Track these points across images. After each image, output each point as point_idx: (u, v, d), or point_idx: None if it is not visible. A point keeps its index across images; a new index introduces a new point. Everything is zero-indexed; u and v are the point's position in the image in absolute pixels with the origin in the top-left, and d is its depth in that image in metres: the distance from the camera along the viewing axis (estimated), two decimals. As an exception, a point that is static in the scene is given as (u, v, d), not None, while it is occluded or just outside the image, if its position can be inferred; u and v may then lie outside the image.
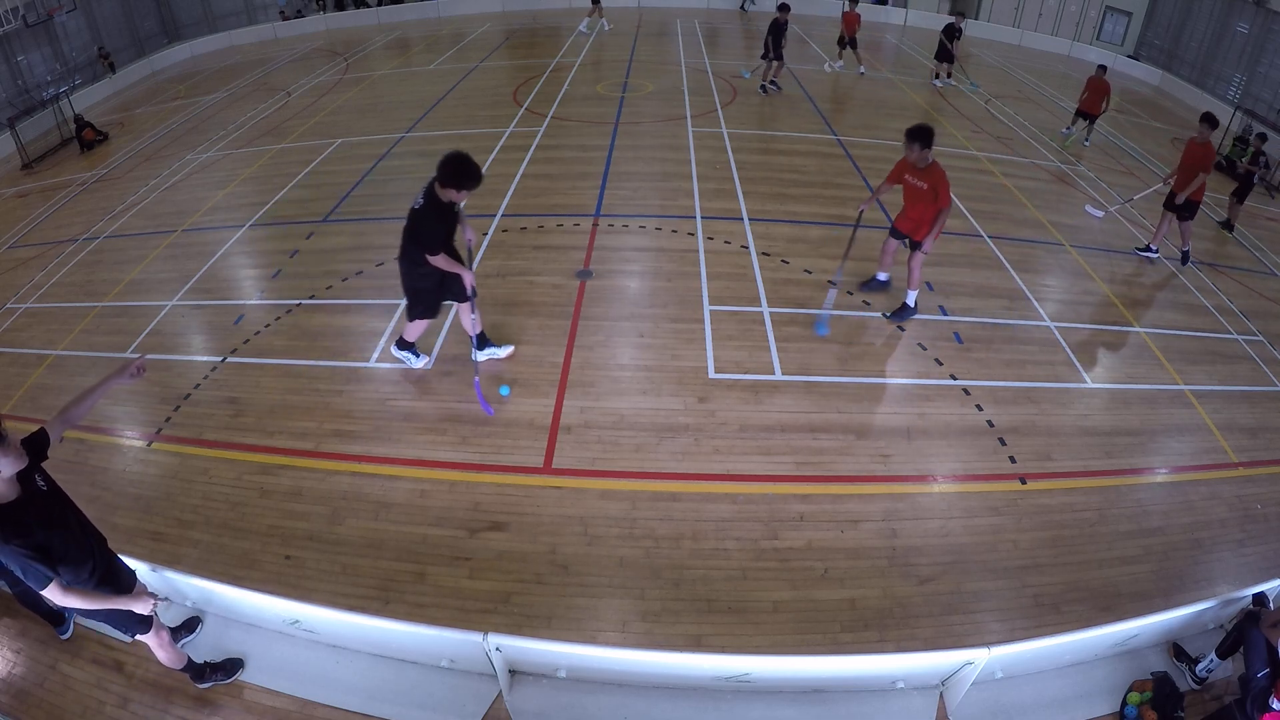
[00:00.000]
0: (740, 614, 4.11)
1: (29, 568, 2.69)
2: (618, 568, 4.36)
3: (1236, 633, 3.60)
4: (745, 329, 6.43)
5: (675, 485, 4.91)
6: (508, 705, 3.61)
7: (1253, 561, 4.62)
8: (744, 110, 12.47)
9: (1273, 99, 15.18)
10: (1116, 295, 7.43)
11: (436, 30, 20.38)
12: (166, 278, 7.84)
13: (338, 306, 6.98)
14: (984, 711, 3.62)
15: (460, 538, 4.55)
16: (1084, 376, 6.18)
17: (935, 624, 4.08)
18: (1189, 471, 5.33)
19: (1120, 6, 20.02)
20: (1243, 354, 6.78)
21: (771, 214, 8.59)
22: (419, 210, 4.86)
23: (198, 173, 10.99)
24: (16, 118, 14.00)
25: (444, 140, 11.24)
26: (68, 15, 18.03)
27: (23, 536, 2.66)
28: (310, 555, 4.47)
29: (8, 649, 3.96)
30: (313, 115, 13.03)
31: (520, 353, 6.13)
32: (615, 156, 10.23)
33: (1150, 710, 3.58)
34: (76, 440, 5.55)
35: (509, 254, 7.66)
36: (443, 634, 3.50)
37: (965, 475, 5.10)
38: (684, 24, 19.84)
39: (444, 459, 5.14)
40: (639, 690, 3.70)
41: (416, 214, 4.89)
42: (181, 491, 5.02)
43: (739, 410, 5.53)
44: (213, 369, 6.22)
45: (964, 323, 6.68)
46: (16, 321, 7.46)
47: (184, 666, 3.58)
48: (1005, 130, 12.43)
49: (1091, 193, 10.03)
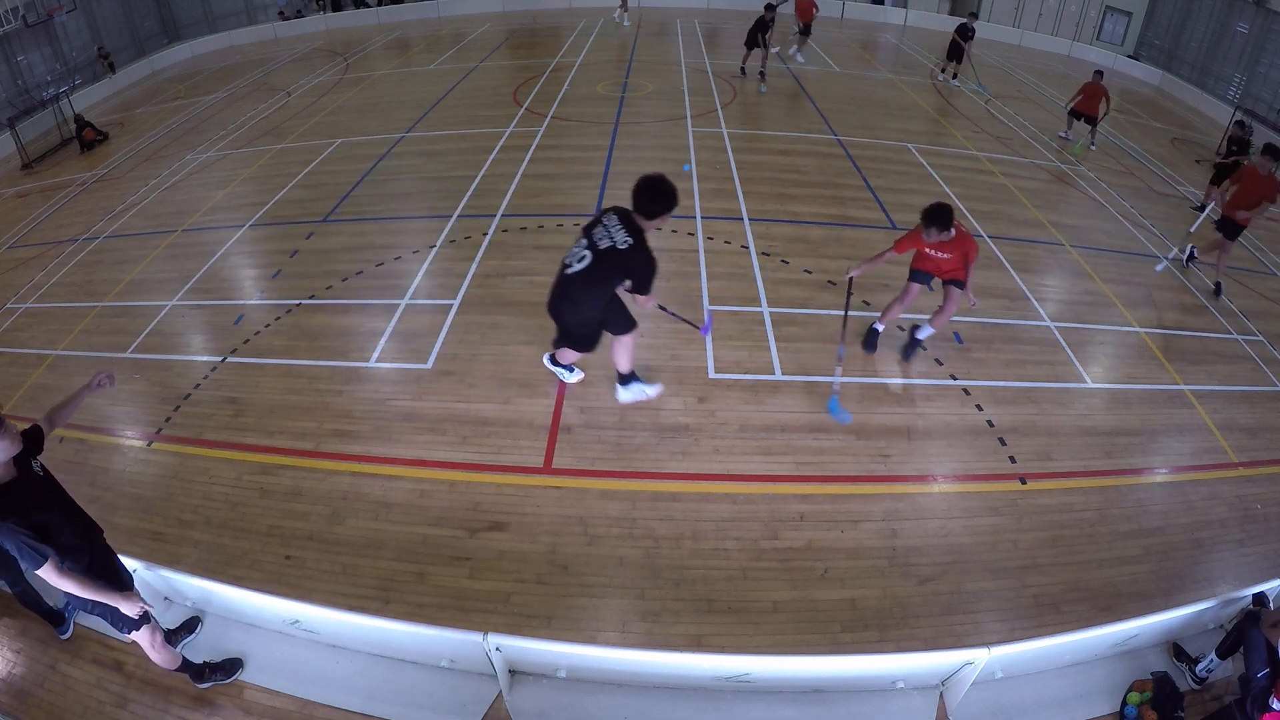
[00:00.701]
0: (740, 614, 4.11)
1: (24, 547, 2.77)
2: (618, 568, 4.35)
3: (1236, 633, 3.60)
4: (745, 329, 6.42)
5: (675, 485, 4.91)
6: (508, 705, 3.61)
7: (1253, 561, 4.62)
8: (744, 110, 12.47)
9: (1273, 99, 15.19)
10: (1116, 295, 7.43)
11: (436, 30, 20.38)
12: (166, 278, 7.84)
13: (338, 306, 6.98)
14: (984, 711, 3.62)
15: (460, 538, 4.55)
16: (1084, 376, 6.18)
17: (935, 624, 4.08)
18: (1189, 471, 5.33)
19: (1120, 6, 20.02)
20: (1243, 354, 6.78)
21: (771, 214, 8.59)
22: (630, 250, 4.17)
23: (198, 173, 10.99)
24: (16, 118, 14.00)
25: (444, 140, 11.26)
26: (68, 15, 18.03)
27: (20, 515, 2.76)
28: (310, 555, 4.47)
29: (8, 649, 3.96)
30: (313, 115, 13.03)
31: (520, 353, 6.12)
32: (615, 156, 10.23)
33: (1150, 710, 3.58)
34: (76, 440, 5.55)
35: (509, 254, 7.66)
36: (443, 634, 3.50)
37: (965, 475, 5.10)
38: (684, 24, 19.84)
39: (444, 459, 5.14)
40: (639, 690, 3.70)
41: (628, 254, 4.19)
42: (181, 491, 5.02)
43: (739, 410, 5.53)
44: (213, 369, 6.22)
45: (964, 323, 6.67)
46: (16, 321, 7.46)
47: (179, 667, 3.58)
48: (1005, 130, 12.43)
49: (1091, 193, 10.03)
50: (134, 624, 3.23)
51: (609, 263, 4.23)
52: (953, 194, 9.38)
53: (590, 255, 4.26)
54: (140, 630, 3.28)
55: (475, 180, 9.48)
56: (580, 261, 4.30)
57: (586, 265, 4.27)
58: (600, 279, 4.33)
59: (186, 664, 3.62)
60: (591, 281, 4.34)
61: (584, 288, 4.38)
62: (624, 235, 4.19)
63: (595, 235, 4.29)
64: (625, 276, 4.38)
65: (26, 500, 2.83)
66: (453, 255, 7.70)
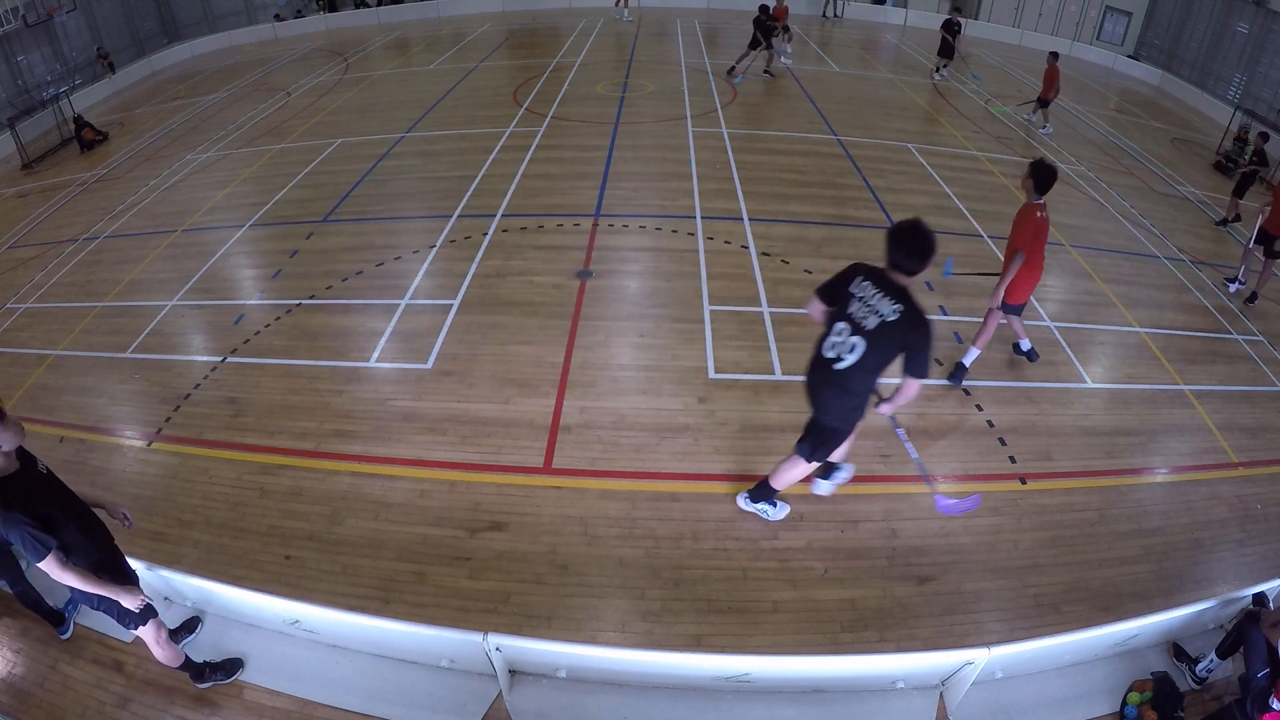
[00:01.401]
0: (740, 614, 4.11)
1: (28, 538, 2.78)
2: (618, 568, 4.35)
3: (1236, 633, 3.60)
4: (745, 329, 6.42)
5: (675, 485, 4.91)
6: (508, 705, 3.61)
7: (1253, 561, 4.62)
8: (744, 110, 12.47)
9: (1273, 99, 15.18)
10: (1116, 295, 7.43)
11: (436, 30, 20.38)
12: (166, 278, 7.84)
13: (338, 306, 6.98)
14: (984, 711, 3.62)
15: (460, 538, 4.55)
16: (1084, 376, 6.18)
17: (935, 624, 4.08)
18: (1189, 471, 5.33)
19: (1120, 6, 20.02)
20: (1243, 354, 6.78)
21: (771, 214, 8.59)
22: (904, 321, 3.43)
23: (198, 173, 10.99)
24: (16, 118, 13.99)
25: (444, 140, 11.26)
26: (68, 15, 18.01)
27: (24, 505, 2.78)
28: (310, 555, 4.47)
29: (8, 649, 3.96)
30: (313, 115, 13.03)
31: (520, 353, 6.13)
32: (615, 156, 10.23)
33: (1150, 710, 3.58)
34: (77, 440, 5.55)
35: (509, 254, 7.66)
36: (443, 634, 3.50)
37: (965, 475, 5.10)
38: (684, 24, 19.84)
39: (444, 459, 5.14)
40: (639, 690, 3.70)
41: (903, 326, 3.45)
42: (181, 491, 5.02)
43: (739, 410, 5.53)
44: (213, 369, 6.22)
45: (964, 323, 6.68)
46: (16, 321, 7.46)
47: (182, 665, 3.59)
48: (1005, 130, 12.43)
49: (1091, 193, 10.03)
50: (138, 619, 3.23)
51: (882, 340, 3.51)
52: (953, 194, 9.39)
53: (862, 342, 3.54)
54: (145, 626, 3.29)
55: (475, 180, 9.48)
56: (851, 352, 3.58)
57: (861, 355, 3.56)
58: (876, 362, 3.62)
59: (187, 663, 3.62)
60: (868, 369, 3.63)
61: (861, 378, 3.66)
62: (889, 304, 3.45)
63: (855, 314, 3.57)
64: (899, 352, 3.57)
65: (30, 491, 2.86)
66: (453, 255, 7.71)
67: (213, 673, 3.71)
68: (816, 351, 3.76)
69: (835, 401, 3.83)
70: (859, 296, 3.57)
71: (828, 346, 3.70)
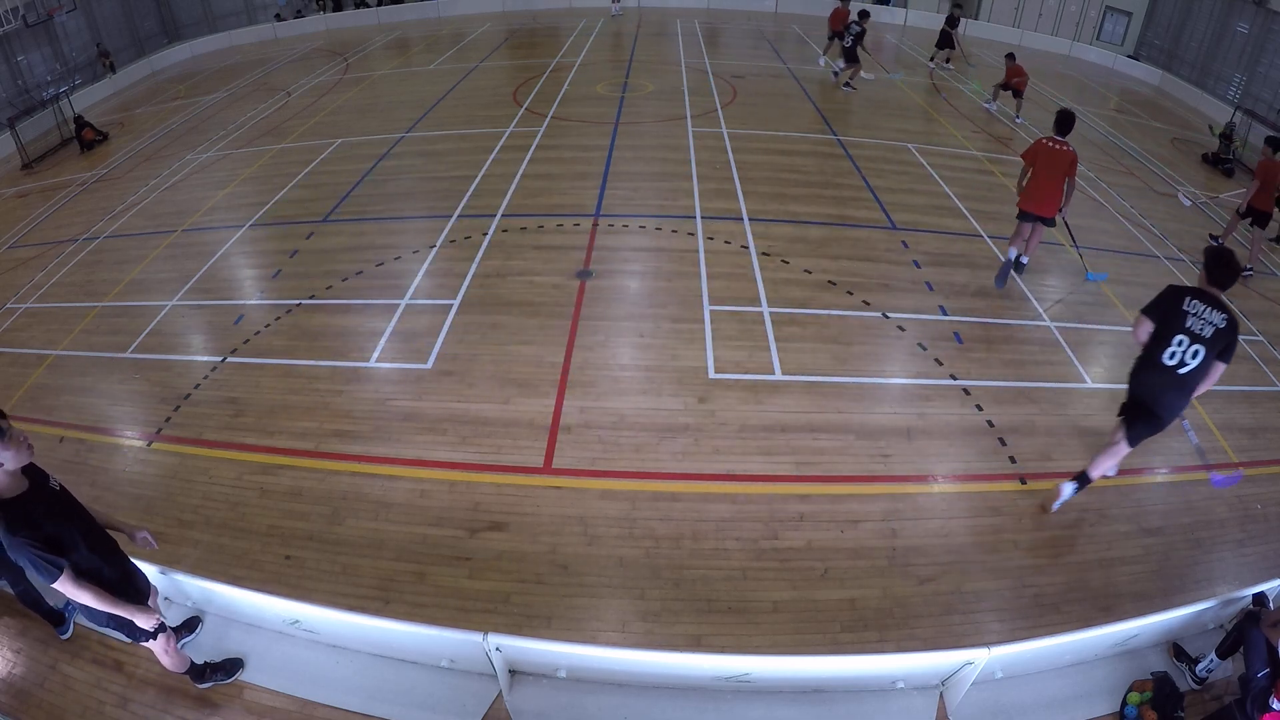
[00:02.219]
0: (740, 614, 4.11)
1: (38, 561, 2.72)
2: (618, 568, 4.36)
3: (1236, 633, 3.60)
4: (745, 329, 6.42)
5: (675, 485, 4.91)
6: (508, 705, 3.61)
7: (1253, 561, 4.62)
8: (744, 110, 12.47)
9: (1273, 99, 15.17)
10: (1116, 295, 7.43)
11: (436, 30, 20.38)
12: (166, 278, 7.84)
13: (338, 306, 6.98)
14: (984, 711, 3.62)
15: (460, 538, 4.55)
16: (1084, 376, 6.18)
17: (935, 624, 4.08)
18: (1189, 471, 5.33)
19: (1120, 6, 20.02)
20: (1243, 354, 6.76)
21: (771, 214, 8.59)
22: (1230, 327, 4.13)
23: (198, 173, 10.99)
24: (16, 118, 13.99)
25: (444, 140, 11.26)
26: (68, 15, 18.01)
27: (31, 529, 2.70)
28: (310, 555, 4.47)
29: (8, 649, 3.96)
30: (313, 115, 13.03)
31: (520, 353, 6.13)
32: (615, 156, 10.23)
33: (1150, 710, 3.58)
34: (76, 440, 5.55)
35: (509, 254, 7.66)
36: (443, 634, 3.50)
37: (965, 475, 5.10)
38: (684, 24, 19.84)
39: (444, 459, 5.14)
40: (639, 690, 3.70)
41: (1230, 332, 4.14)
42: (181, 491, 5.02)
43: (739, 410, 5.53)
44: (213, 369, 6.22)
45: (964, 323, 6.68)
46: (16, 321, 7.46)
47: (186, 669, 3.58)
48: (1005, 130, 12.43)
49: (1091, 193, 10.02)
50: (149, 635, 3.22)
51: (1216, 344, 4.18)
52: (953, 194, 9.39)
53: (1202, 347, 4.18)
54: (155, 640, 3.27)
55: (475, 180, 9.48)
56: (1195, 357, 4.21)
57: (1202, 359, 4.19)
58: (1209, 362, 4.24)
59: (189, 666, 3.62)
60: (1203, 371, 4.25)
61: (1198, 377, 4.29)
62: (1219, 315, 4.15)
63: (1192, 327, 4.19)
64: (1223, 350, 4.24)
65: (38, 513, 2.75)
66: (453, 255, 7.71)
67: (213, 673, 3.71)
68: (1153, 360, 4.30)
69: (1179, 400, 4.40)
70: (1193, 313, 4.18)
71: (1168, 356, 4.25)
